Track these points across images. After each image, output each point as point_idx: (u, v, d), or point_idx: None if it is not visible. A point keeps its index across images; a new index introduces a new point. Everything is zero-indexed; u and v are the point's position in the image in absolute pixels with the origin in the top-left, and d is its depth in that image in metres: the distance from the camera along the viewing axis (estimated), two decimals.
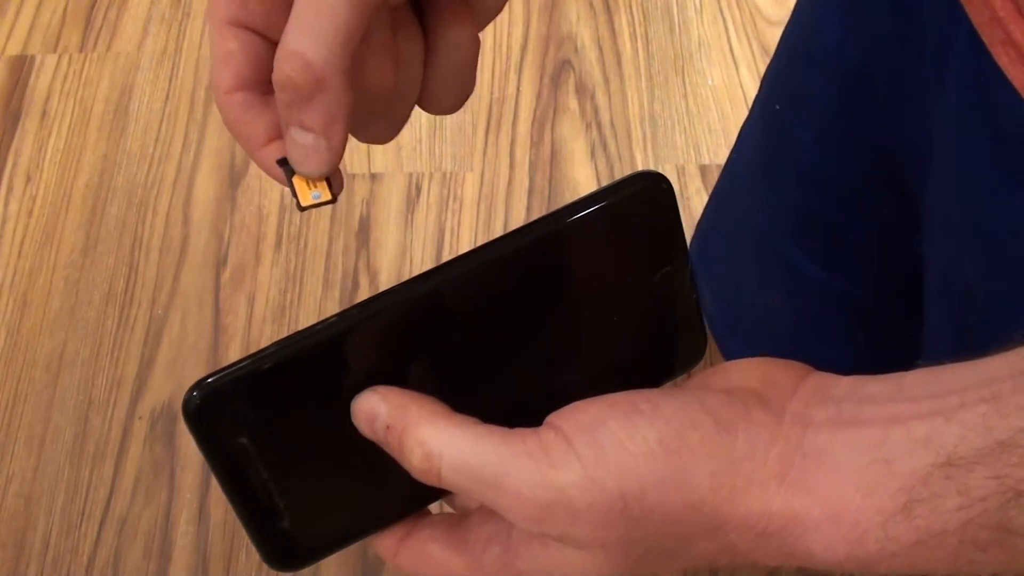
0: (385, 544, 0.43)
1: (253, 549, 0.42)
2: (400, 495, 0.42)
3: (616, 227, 0.41)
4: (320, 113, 0.39)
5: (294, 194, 0.42)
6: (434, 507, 0.44)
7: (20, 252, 1.41)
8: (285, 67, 0.39)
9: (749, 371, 0.41)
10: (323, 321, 0.40)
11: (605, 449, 0.37)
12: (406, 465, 0.39)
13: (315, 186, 0.42)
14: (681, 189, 1.44)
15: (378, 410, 0.40)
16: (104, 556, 1.20)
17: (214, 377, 0.39)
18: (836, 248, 0.72)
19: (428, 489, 0.41)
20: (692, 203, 1.42)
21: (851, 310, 0.74)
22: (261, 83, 0.42)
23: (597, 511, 0.37)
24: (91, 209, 1.45)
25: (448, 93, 0.45)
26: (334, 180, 0.42)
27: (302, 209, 0.43)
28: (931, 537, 0.35)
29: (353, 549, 1.28)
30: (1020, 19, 0.43)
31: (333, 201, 0.43)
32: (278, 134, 0.42)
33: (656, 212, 0.41)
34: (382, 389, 0.40)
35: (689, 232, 1.31)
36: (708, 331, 0.45)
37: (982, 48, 0.45)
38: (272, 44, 0.42)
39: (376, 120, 0.45)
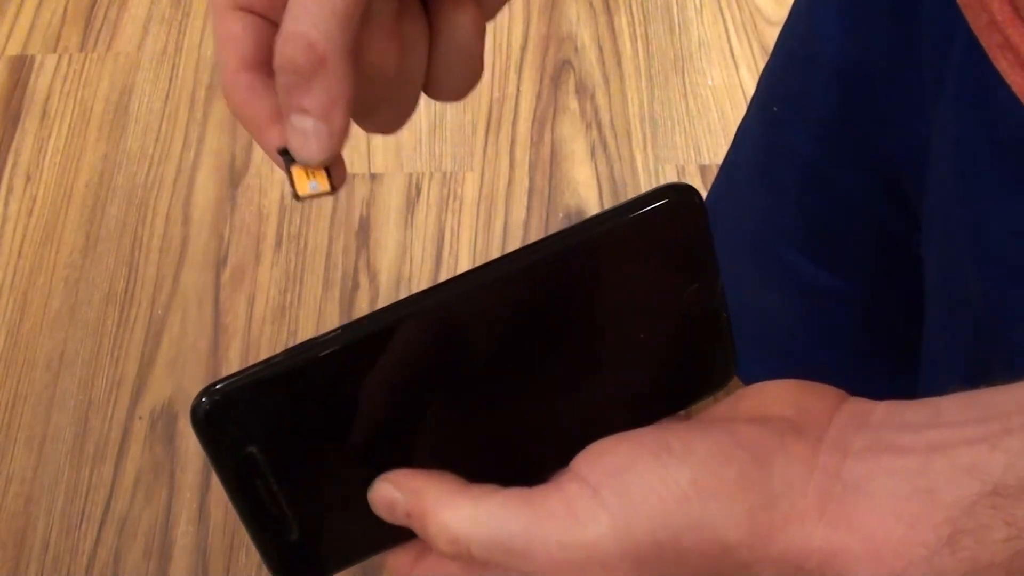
0: (400, 561, 0.42)
1: (253, 549, 0.42)
2: None
3: (643, 241, 0.39)
4: (320, 96, 0.38)
5: (292, 184, 0.41)
6: None
7: (20, 252, 1.41)
8: (286, 48, 0.38)
9: (782, 396, 0.40)
10: (337, 329, 0.39)
11: (634, 496, 0.36)
12: (435, 549, 0.39)
13: (314, 176, 0.41)
14: None
15: (394, 497, 0.39)
16: (104, 556, 1.20)
17: (223, 383, 0.38)
18: (835, 249, 0.72)
19: None
20: None
21: (851, 311, 0.74)
22: (266, 64, 0.41)
23: (630, 561, 0.36)
24: (91, 209, 1.45)
25: (453, 78, 0.43)
26: (335, 171, 0.41)
27: (298, 199, 0.41)
28: (978, 570, 0.34)
29: None
30: (1018, 23, 0.42)
31: (332, 192, 0.41)
32: (281, 117, 0.41)
33: (686, 226, 0.39)
34: (392, 476, 0.39)
35: None
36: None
37: (980, 51, 0.45)
38: (275, 26, 0.41)
39: (381, 107, 0.43)
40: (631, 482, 0.36)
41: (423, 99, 0.45)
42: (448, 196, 1.45)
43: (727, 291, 0.41)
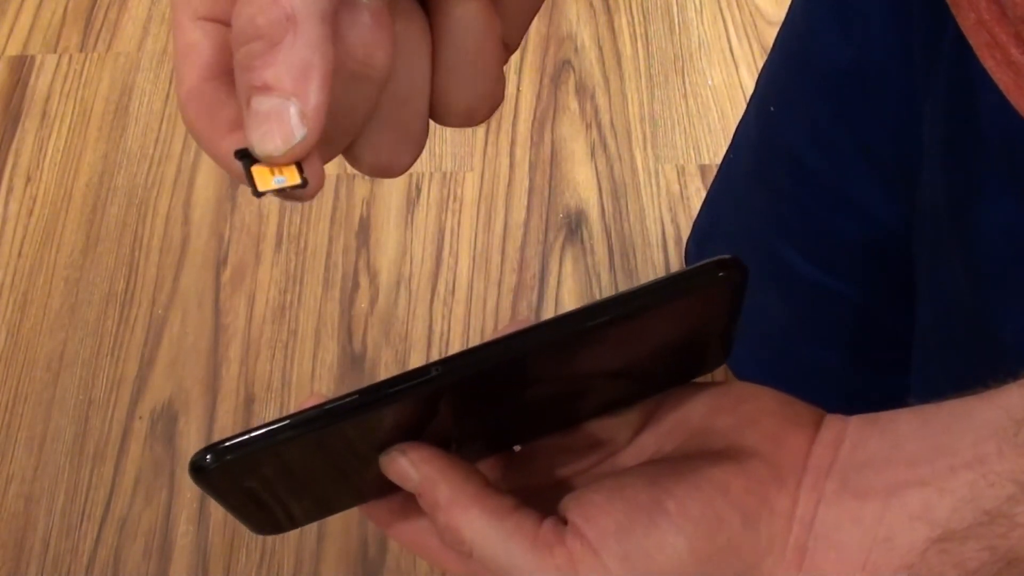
0: (378, 513, 0.43)
1: (253, 549, 0.42)
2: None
3: (687, 311, 0.40)
4: (289, 63, 0.31)
5: (250, 182, 0.33)
6: None
7: (20, 252, 1.42)
8: (246, 8, 0.31)
9: (761, 422, 0.41)
10: (345, 396, 0.37)
11: (635, 562, 0.37)
12: (437, 533, 0.40)
13: (280, 171, 0.33)
14: (681, 189, 1.44)
15: (409, 474, 0.39)
16: (104, 556, 1.20)
17: (227, 444, 0.37)
18: (830, 248, 0.72)
19: None
20: (692, 203, 1.42)
21: (845, 310, 0.74)
22: (228, 72, 0.34)
23: None
24: (91, 209, 1.45)
25: (460, 91, 0.36)
26: (309, 166, 0.33)
27: (258, 195, 0.34)
28: None
29: (353, 548, 1.27)
30: (1005, 22, 0.42)
31: (302, 186, 0.33)
32: (241, 125, 0.33)
33: (726, 295, 0.40)
34: (412, 453, 0.39)
35: (686, 231, 1.31)
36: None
37: (969, 50, 0.45)
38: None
39: (376, 126, 0.36)
40: (631, 547, 0.37)
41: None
42: (448, 196, 1.45)
43: None
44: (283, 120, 0.31)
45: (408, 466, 0.39)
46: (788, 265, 0.74)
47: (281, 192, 0.33)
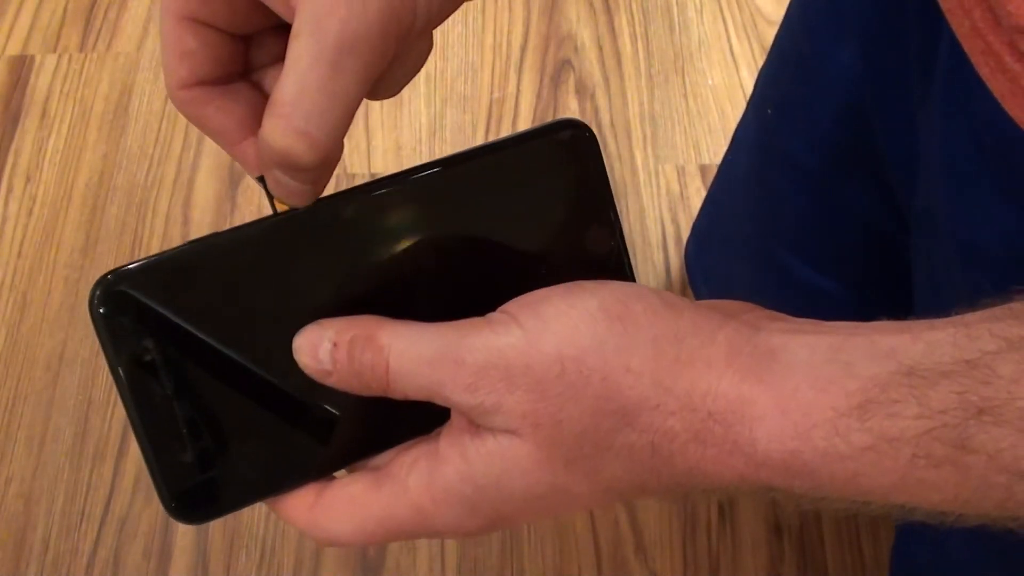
0: (295, 504, 0.41)
1: (253, 549, 0.41)
2: (316, 451, 0.41)
3: (537, 172, 0.40)
4: (315, 173, 0.38)
5: (273, 208, 0.41)
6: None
7: (20, 252, 1.42)
8: (286, 141, 0.37)
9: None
10: (250, 223, 0.39)
11: (547, 318, 0.37)
12: (354, 368, 0.39)
13: None
14: (681, 189, 1.44)
15: (321, 334, 0.39)
16: (104, 556, 1.20)
17: (123, 269, 0.37)
18: (828, 252, 0.72)
19: (346, 446, 0.41)
20: (692, 203, 1.42)
21: (842, 313, 0.74)
22: (221, 79, 0.41)
23: (533, 374, 0.36)
24: (91, 209, 1.45)
25: (398, 86, 0.43)
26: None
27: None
28: (884, 442, 0.34)
29: (353, 549, 1.26)
30: (999, 30, 0.43)
31: None
32: (252, 130, 0.40)
33: (581, 162, 0.40)
34: (323, 320, 0.40)
35: (686, 231, 1.31)
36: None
37: (964, 57, 0.45)
38: (230, 37, 0.40)
39: None
40: (545, 308, 0.38)
41: (424, 99, 0.45)
42: None
43: (724, 289, 0.42)
44: (302, 195, 0.39)
45: (321, 329, 0.39)
46: (785, 267, 0.74)
47: None
